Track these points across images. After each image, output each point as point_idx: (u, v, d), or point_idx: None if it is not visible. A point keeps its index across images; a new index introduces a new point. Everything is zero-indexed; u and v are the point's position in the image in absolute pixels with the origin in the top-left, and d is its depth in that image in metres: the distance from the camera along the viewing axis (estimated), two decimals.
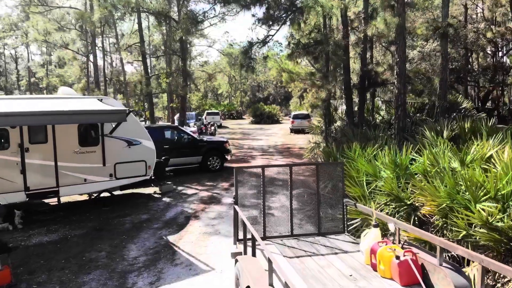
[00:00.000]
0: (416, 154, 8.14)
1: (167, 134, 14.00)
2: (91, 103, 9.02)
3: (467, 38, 20.24)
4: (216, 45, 60.16)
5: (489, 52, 24.91)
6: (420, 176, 6.97)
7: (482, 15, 24.39)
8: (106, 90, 22.05)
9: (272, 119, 43.80)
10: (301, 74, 30.84)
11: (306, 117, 30.40)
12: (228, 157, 14.81)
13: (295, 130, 30.29)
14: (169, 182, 11.73)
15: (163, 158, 11.58)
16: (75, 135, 9.32)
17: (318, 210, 6.35)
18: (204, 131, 29.67)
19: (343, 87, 14.83)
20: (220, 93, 69.21)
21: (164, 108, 29.05)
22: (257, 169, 6.28)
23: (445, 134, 10.55)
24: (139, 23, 19.27)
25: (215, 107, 51.59)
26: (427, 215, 6.43)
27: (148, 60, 35.78)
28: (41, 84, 33.77)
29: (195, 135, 16.09)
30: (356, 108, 15.30)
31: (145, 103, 26.93)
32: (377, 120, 15.27)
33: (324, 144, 15.13)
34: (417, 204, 6.58)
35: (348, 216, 6.50)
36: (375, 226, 5.19)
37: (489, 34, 20.56)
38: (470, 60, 23.66)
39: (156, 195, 11.17)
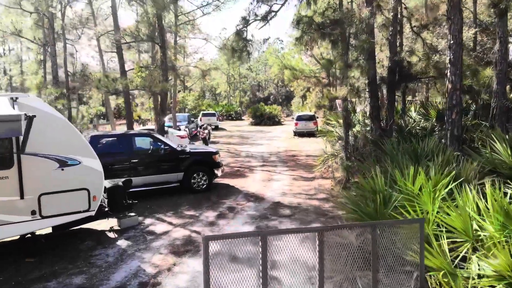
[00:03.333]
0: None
1: (137, 143, 10.65)
2: None
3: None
4: (214, 43, 56.71)
5: None
6: None
7: None
8: (68, 86, 18.64)
9: (273, 120, 40.68)
10: (305, 71, 27.15)
11: (311, 118, 27.24)
12: (219, 173, 11.50)
13: (299, 133, 27.00)
14: (133, 214, 8.40)
15: (122, 180, 8.27)
16: None
17: None
18: (198, 134, 26.40)
19: (366, 81, 11.55)
20: (218, 93, 65.88)
21: (150, 109, 25.82)
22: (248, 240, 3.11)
23: None
24: (113, 6, 15.99)
25: (213, 108, 48.27)
26: None
27: (137, 55, 32.48)
28: (14, 83, 30.44)
29: (181, 142, 12.82)
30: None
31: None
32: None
33: (342, 154, 11.84)
34: None
35: None
36: None
37: None
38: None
39: (111, 234, 7.87)
